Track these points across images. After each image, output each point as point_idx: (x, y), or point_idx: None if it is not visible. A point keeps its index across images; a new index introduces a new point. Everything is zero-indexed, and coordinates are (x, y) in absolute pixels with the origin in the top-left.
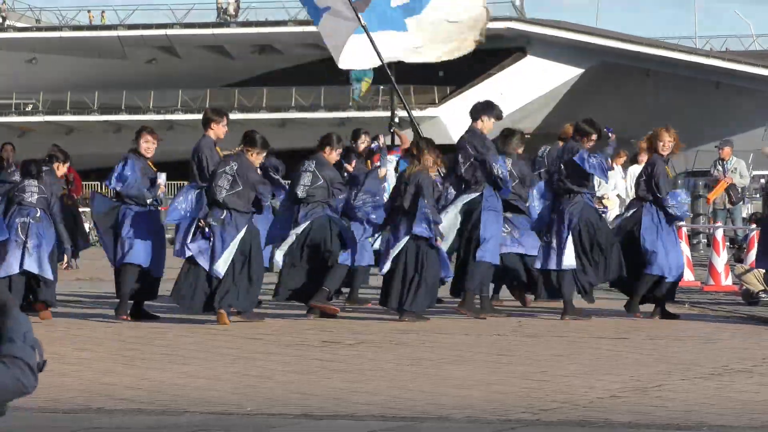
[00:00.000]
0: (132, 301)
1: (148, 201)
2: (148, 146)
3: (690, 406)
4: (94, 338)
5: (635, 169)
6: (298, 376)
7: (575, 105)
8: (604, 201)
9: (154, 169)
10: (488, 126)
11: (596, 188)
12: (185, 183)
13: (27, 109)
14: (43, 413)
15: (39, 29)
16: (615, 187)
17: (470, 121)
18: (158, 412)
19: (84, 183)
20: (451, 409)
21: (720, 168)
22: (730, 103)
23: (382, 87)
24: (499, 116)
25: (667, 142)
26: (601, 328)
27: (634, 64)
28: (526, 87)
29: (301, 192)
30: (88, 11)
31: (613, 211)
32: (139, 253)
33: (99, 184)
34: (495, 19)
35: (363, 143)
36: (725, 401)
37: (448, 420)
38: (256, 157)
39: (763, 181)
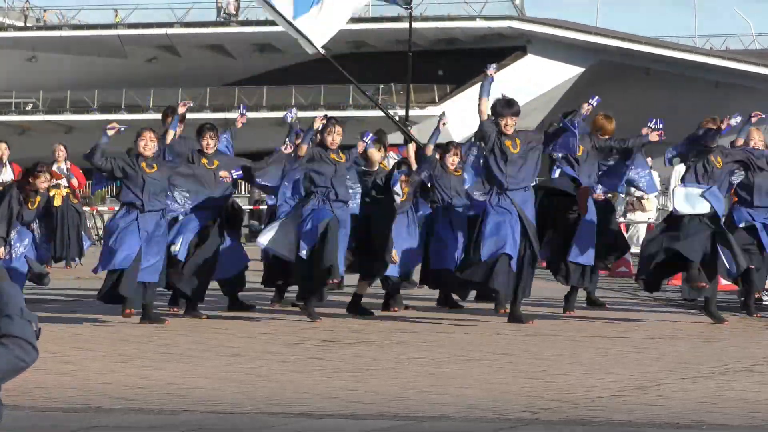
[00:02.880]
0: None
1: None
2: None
3: (690, 405)
4: (94, 337)
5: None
6: (297, 375)
7: (575, 104)
8: (643, 202)
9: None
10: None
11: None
12: None
13: (27, 108)
14: (42, 412)
15: (39, 28)
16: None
17: (469, 120)
18: (157, 411)
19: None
20: (450, 408)
21: None
22: (730, 102)
23: (381, 86)
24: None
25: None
26: (601, 328)
27: (634, 63)
28: (526, 86)
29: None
30: (44, 11)
31: (650, 213)
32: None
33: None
34: (495, 18)
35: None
36: (726, 400)
37: (447, 419)
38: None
39: None
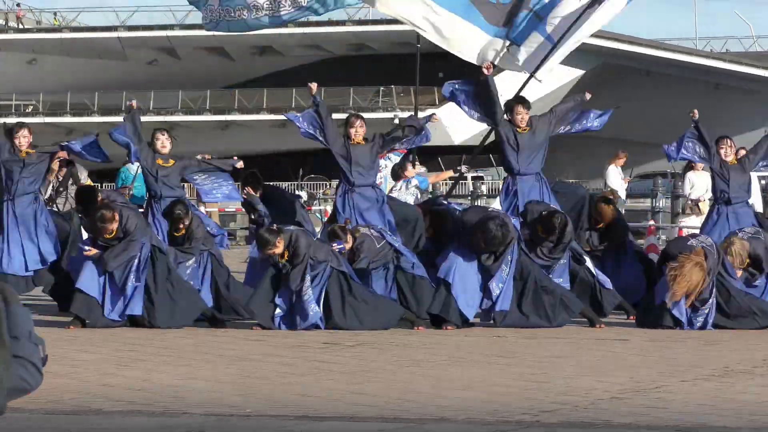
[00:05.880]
0: None
1: None
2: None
3: (690, 408)
4: (94, 339)
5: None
6: (298, 377)
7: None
8: (700, 205)
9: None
10: None
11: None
12: None
13: (27, 111)
14: (42, 415)
15: (39, 30)
16: (708, 190)
17: (470, 121)
18: (157, 413)
19: None
20: (451, 410)
21: None
22: (730, 105)
23: (382, 88)
24: None
25: None
26: (601, 330)
27: (634, 65)
28: (526, 88)
29: None
30: (18, 4)
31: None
32: None
33: (99, 185)
34: None
35: None
36: (726, 403)
37: (448, 422)
38: None
39: (764, 182)
